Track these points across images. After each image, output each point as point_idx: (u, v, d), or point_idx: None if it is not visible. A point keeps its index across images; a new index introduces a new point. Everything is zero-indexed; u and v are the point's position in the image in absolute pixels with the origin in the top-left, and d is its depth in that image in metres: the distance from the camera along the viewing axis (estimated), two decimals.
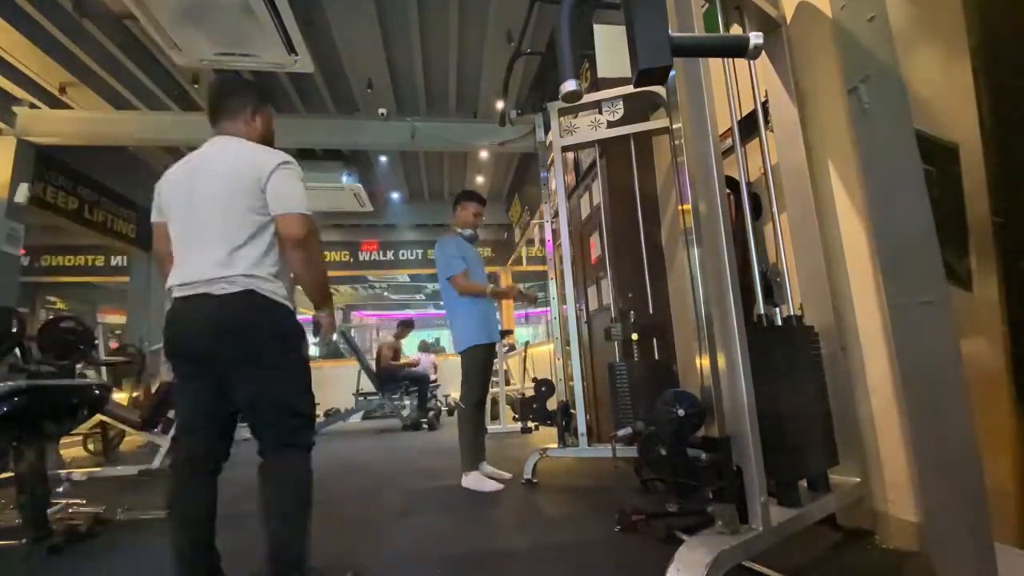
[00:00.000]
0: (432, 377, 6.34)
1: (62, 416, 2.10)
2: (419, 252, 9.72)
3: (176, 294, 1.37)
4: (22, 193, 4.85)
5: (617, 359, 2.54)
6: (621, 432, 2.18)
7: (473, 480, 2.57)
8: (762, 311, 1.59)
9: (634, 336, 2.50)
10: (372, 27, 4.54)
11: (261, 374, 1.36)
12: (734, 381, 1.28)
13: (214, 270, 1.31)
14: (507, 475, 2.75)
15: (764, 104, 1.85)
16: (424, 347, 8.06)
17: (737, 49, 1.12)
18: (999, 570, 1.17)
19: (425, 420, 5.71)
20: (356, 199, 7.20)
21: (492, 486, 2.53)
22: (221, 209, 1.35)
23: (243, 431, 1.44)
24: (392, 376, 5.84)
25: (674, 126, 1.51)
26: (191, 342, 1.36)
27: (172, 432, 3.62)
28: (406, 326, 6.42)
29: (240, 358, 1.34)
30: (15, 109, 4.93)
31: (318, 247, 1.50)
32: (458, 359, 2.75)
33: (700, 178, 1.39)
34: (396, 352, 6.24)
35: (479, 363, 2.70)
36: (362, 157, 7.11)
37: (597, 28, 3.08)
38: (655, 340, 2.60)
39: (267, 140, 1.56)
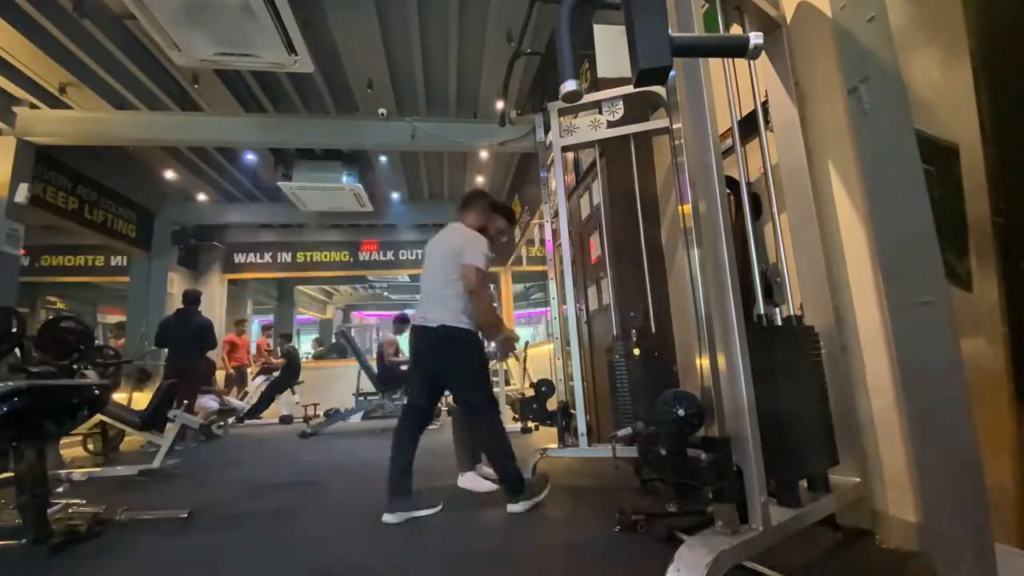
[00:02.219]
0: None
1: (62, 416, 2.10)
2: (419, 252, 9.71)
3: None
4: (22, 193, 4.86)
5: (616, 359, 2.54)
6: (621, 432, 2.18)
7: (469, 480, 2.57)
8: (762, 311, 1.59)
9: (635, 351, 2.49)
10: (372, 27, 4.54)
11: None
12: (734, 381, 1.28)
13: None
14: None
15: (764, 104, 1.85)
16: None
17: (737, 49, 1.12)
18: (999, 570, 1.17)
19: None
20: (356, 199, 7.19)
21: (488, 486, 2.53)
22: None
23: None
24: (396, 374, 5.82)
25: (674, 126, 1.52)
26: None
27: (177, 431, 3.63)
28: (403, 321, 6.39)
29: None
30: (15, 109, 4.94)
31: (484, 295, 2.31)
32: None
33: (700, 178, 1.39)
34: (397, 349, 6.22)
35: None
36: (362, 157, 7.11)
37: (597, 28, 3.08)
38: (655, 355, 2.58)
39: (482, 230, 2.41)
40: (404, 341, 6.04)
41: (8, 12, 3.91)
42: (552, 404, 2.89)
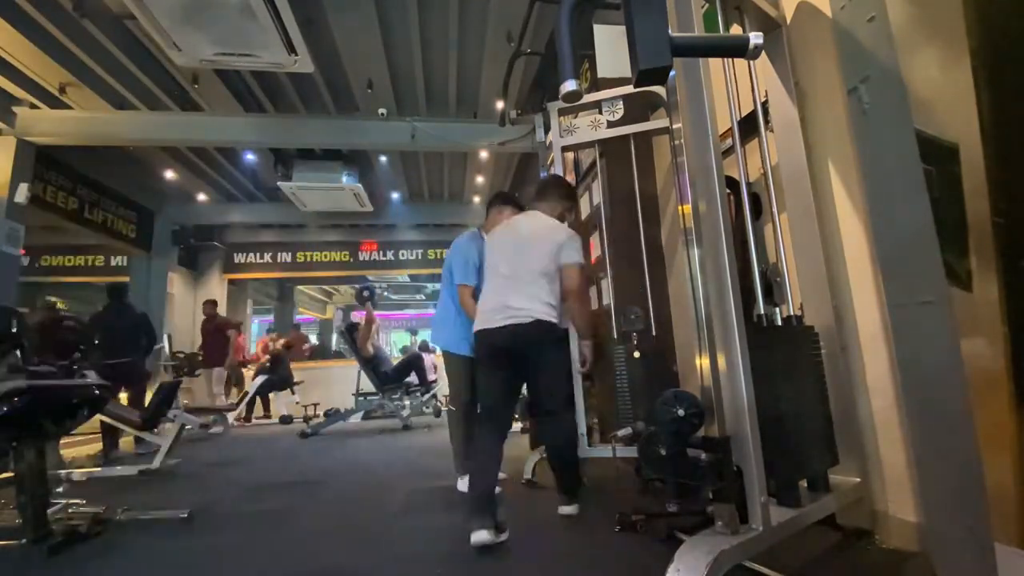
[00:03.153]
0: (432, 377, 6.33)
1: (62, 416, 2.10)
2: (419, 252, 9.72)
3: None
4: (22, 193, 4.85)
5: (616, 359, 2.53)
6: (621, 432, 2.18)
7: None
8: (762, 311, 1.59)
9: (636, 354, 2.47)
10: (372, 27, 4.54)
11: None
12: (734, 381, 1.28)
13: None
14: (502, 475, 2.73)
15: (764, 104, 1.85)
16: (424, 347, 8.07)
17: (737, 49, 1.12)
18: (999, 570, 1.17)
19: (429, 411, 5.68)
20: (356, 199, 7.19)
21: None
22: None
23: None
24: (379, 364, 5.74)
25: (674, 126, 1.52)
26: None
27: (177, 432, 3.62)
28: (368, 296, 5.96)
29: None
30: (15, 109, 4.93)
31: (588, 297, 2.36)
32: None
33: (700, 178, 1.39)
34: (368, 326, 5.86)
35: (457, 370, 2.64)
36: (362, 157, 7.11)
37: (597, 28, 3.08)
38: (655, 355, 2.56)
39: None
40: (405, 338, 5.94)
41: (8, 12, 3.91)
42: None
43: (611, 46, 3.04)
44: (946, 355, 1.28)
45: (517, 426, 4.81)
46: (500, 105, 5.22)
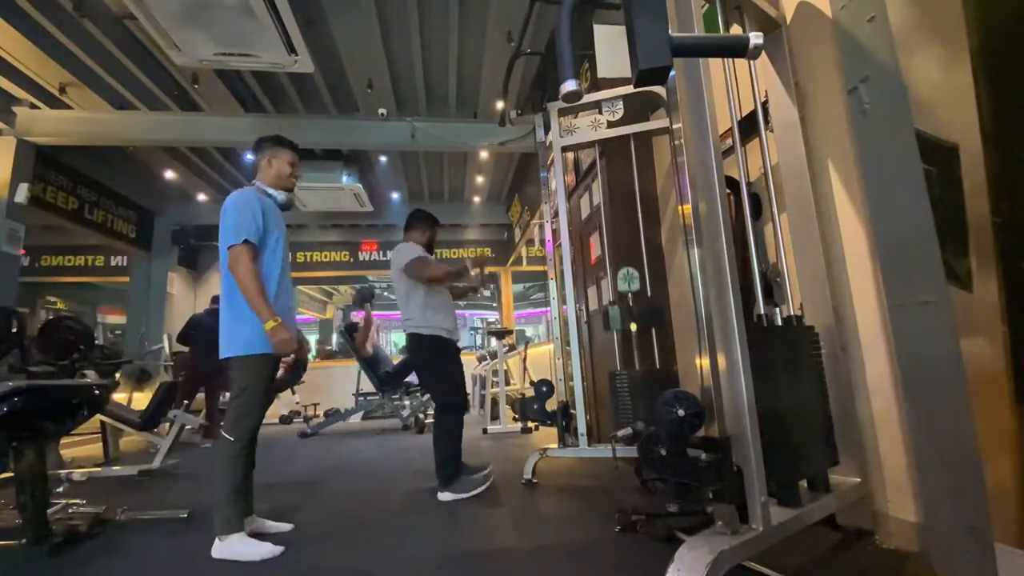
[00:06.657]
0: None
1: (62, 416, 2.10)
2: None
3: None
4: (22, 193, 4.85)
5: (618, 365, 2.54)
6: (621, 432, 2.18)
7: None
8: (762, 311, 1.59)
9: (633, 326, 2.48)
10: (372, 27, 4.54)
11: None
12: (734, 381, 1.28)
13: None
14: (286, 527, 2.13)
15: (764, 104, 1.85)
16: None
17: (737, 49, 1.12)
18: (999, 570, 1.17)
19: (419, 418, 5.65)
20: (356, 199, 7.19)
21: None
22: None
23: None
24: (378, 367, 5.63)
25: (674, 126, 1.52)
26: None
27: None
28: (366, 299, 5.83)
29: None
30: (15, 109, 4.93)
31: (431, 273, 2.63)
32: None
33: (700, 178, 1.39)
34: (367, 327, 5.69)
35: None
36: (362, 157, 7.10)
37: (597, 28, 3.08)
38: (653, 329, 2.59)
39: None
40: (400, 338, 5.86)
41: (8, 12, 3.90)
42: (552, 404, 2.89)
43: (611, 46, 3.04)
44: (946, 355, 1.28)
45: (517, 426, 4.83)
46: (500, 105, 5.22)
